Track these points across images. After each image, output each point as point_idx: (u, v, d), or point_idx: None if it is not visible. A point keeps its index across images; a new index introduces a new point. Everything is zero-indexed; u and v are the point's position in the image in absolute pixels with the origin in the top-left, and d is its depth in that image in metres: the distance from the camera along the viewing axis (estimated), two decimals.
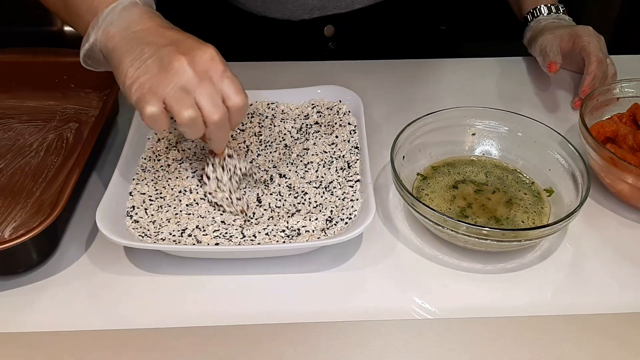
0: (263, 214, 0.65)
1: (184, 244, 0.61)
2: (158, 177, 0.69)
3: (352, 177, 0.69)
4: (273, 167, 0.71)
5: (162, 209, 0.65)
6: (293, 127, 0.76)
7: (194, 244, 0.61)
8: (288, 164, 0.71)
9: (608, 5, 1.85)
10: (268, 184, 0.69)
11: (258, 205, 0.66)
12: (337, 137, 0.74)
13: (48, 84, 0.82)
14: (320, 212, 0.65)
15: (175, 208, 0.65)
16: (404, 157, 0.69)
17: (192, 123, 0.57)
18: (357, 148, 0.72)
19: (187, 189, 0.67)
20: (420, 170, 0.72)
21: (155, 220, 0.64)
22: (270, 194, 0.67)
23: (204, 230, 0.62)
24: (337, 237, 0.60)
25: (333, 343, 0.56)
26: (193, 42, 0.59)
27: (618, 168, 0.67)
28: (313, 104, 0.79)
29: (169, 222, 0.63)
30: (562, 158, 0.69)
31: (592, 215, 0.70)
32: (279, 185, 0.69)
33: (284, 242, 0.62)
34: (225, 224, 0.63)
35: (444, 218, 0.60)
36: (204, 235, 0.62)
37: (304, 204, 0.67)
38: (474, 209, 0.67)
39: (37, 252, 0.61)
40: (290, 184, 0.69)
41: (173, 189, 0.67)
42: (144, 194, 0.66)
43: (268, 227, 0.63)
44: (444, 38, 1.08)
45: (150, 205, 0.65)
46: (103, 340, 0.56)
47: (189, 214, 0.64)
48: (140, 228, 0.62)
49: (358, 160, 0.71)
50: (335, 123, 0.76)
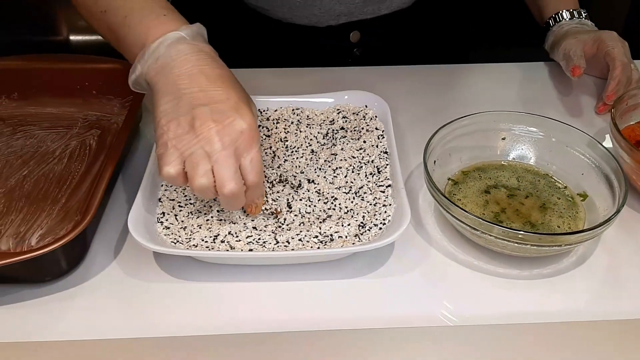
0: (294, 220, 0.64)
1: (218, 250, 0.60)
2: None
3: (382, 182, 0.68)
4: (300, 172, 0.70)
5: (192, 215, 0.64)
6: (319, 132, 0.75)
7: (227, 250, 0.60)
8: (316, 169, 0.70)
9: (615, 11, 1.85)
10: (297, 190, 0.68)
11: (288, 211, 0.65)
12: (364, 142, 0.73)
13: (69, 91, 0.81)
14: (352, 217, 0.64)
15: (206, 214, 0.64)
16: (435, 161, 0.68)
17: (202, 192, 0.57)
18: (386, 153, 0.71)
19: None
20: (451, 175, 0.71)
21: (186, 227, 0.62)
22: (300, 200, 0.66)
23: (237, 236, 0.61)
24: (373, 242, 0.59)
25: (367, 350, 0.55)
26: (229, 107, 0.58)
27: None
28: (338, 109, 0.78)
29: (200, 228, 0.62)
30: (595, 162, 0.68)
31: (623, 218, 0.69)
32: (308, 191, 0.68)
33: (318, 247, 0.61)
34: (258, 230, 0.62)
35: (483, 222, 0.59)
36: (237, 242, 0.61)
37: (335, 210, 0.66)
38: (508, 214, 0.66)
39: (66, 260, 0.60)
40: (320, 190, 0.68)
41: None
42: (173, 200, 0.65)
43: (301, 232, 0.62)
44: (465, 45, 1.07)
45: (180, 212, 0.64)
46: (134, 349, 0.55)
47: (221, 220, 0.63)
48: (172, 234, 0.61)
49: (388, 165, 0.70)
50: (362, 128, 0.75)
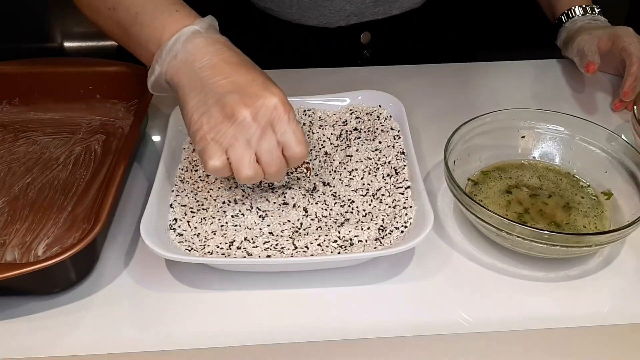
0: (310, 224, 0.62)
1: (234, 257, 0.57)
2: (197, 188, 0.65)
3: (401, 183, 0.65)
4: (315, 175, 0.68)
5: (205, 221, 0.61)
6: (332, 133, 0.73)
7: (244, 257, 0.57)
8: (331, 172, 0.68)
9: (615, 12, 1.84)
10: (312, 193, 0.65)
11: (305, 215, 0.63)
12: (380, 142, 0.71)
13: (71, 95, 0.78)
14: (372, 220, 0.62)
15: (220, 220, 0.61)
16: (455, 161, 0.66)
17: (250, 180, 0.57)
18: (403, 154, 0.69)
19: (231, 200, 0.63)
20: (471, 175, 0.68)
21: (200, 233, 0.60)
22: (316, 203, 0.64)
23: (254, 242, 0.59)
24: (395, 246, 0.57)
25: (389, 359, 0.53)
26: (257, 87, 0.57)
27: None
28: (351, 110, 0.76)
29: (215, 234, 0.60)
30: (618, 158, 0.66)
31: None
32: (324, 194, 0.65)
33: (338, 252, 0.58)
34: (274, 235, 0.60)
35: (510, 223, 0.56)
36: (254, 248, 0.58)
37: (352, 213, 0.63)
38: (532, 215, 0.64)
39: (75, 270, 0.57)
40: (335, 192, 0.65)
41: (216, 200, 0.63)
42: (185, 206, 0.63)
43: (319, 237, 0.59)
44: (474, 45, 1.05)
45: (193, 218, 0.61)
46: None
47: (236, 226, 0.61)
48: (186, 242, 0.59)
49: (405, 166, 0.67)
50: (377, 129, 0.73)
